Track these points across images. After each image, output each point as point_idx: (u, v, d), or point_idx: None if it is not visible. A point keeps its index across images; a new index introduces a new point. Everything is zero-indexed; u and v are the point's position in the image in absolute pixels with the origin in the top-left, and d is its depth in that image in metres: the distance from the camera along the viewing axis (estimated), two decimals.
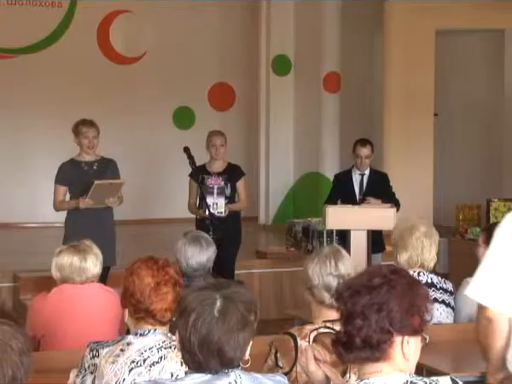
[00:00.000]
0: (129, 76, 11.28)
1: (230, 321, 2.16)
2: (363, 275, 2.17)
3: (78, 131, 6.26)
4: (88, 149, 6.25)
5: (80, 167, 6.28)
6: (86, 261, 4.02)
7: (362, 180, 7.15)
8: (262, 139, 11.11)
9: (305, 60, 10.84)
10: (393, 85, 9.32)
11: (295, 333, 3.03)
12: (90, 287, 4.04)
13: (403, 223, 4.41)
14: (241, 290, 2.24)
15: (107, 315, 3.96)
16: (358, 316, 2.10)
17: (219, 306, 2.17)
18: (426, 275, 4.23)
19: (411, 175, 9.03)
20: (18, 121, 10.88)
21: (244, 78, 11.69)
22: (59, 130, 10.90)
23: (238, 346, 2.17)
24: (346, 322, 2.13)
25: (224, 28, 11.64)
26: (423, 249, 4.24)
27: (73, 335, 3.89)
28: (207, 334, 2.14)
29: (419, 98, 9.28)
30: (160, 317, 2.97)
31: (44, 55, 11.03)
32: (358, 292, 2.12)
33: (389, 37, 9.33)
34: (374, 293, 2.10)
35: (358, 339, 2.10)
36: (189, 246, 4.35)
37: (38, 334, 4.00)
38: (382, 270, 2.18)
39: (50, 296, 4.04)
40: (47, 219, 10.82)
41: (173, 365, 2.89)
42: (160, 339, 2.94)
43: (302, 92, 10.91)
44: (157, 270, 3.01)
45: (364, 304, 2.10)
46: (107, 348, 2.93)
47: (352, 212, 6.25)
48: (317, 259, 3.18)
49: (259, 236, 10.78)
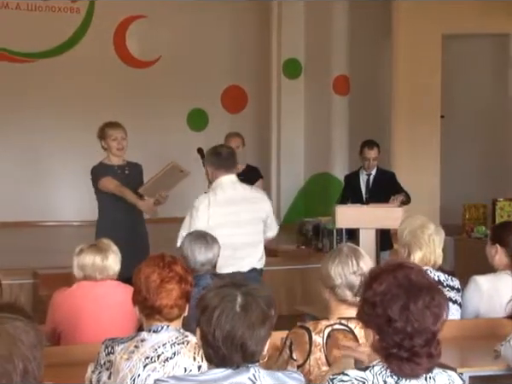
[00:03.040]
0: (144, 79, 11.28)
1: (252, 316, 2.18)
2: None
3: (105, 134, 5.79)
4: (118, 151, 5.79)
5: (114, 171, 5.81)
6: (108, 259, 4.03)
7: (368, 180, 7.17)
8: (273, 141, 11.10)
9: (316, 63, 10.82)
10: (401, 88, 9.29)
11: (310, 327, 3.02)
12: (109, 284, 4.05)
13: (411, 221, 4.37)
14: (259, 287, 2.27)
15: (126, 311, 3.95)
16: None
17: (241, 302, 2.19)
18: (433, 272, 4.20)
19: (418, 175, 9.00)
20: (36, 124, 10.90)
21: (256, 81, 11.68)
22: (77, 133, 10.94)
23: (259, 341, 2.19)
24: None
25: (237, 32, 11.63)
26: (435, 247, 4.21)
27: (92, 330, 3.90)
28: (231, 329, 2.16)
29: (426, 101, 9.26)
30: (166, 313, 2.95)
31: (63, 60, 11.05)
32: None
33: (397, 41, 9.31)
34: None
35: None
36: (196, 242, 4.35)
37: (58, 328, 4.01)
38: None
39: (71, 292, 4.05)
40: (64, 218, 10.88)
41: (186, 361, 2.88)
42: (173, 335, 2.93)
43: (312, 95, 10.90)
44: (162, 268, 3.00)
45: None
46: (121, 345, 2.92)
47: (360, 211, 6.23)
48: (338, 259, 3.14)
49: None
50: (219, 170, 5.12)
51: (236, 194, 5.11)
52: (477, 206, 9.36)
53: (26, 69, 10.89)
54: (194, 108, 11.55)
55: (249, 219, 5.13)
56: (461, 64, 10.29)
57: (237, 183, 5.17)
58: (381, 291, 2.17)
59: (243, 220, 5.09)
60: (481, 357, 3.74)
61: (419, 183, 8.85)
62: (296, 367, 2.95)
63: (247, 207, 5.12)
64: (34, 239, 9.76)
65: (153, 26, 11.25)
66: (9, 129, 10.82)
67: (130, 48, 11.38)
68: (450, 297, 4.21)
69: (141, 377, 2.83)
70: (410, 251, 4.23)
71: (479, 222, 9.15)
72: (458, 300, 4.25)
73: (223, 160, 5.13)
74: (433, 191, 9.29)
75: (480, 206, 9.35)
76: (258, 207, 5.19)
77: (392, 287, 2.17)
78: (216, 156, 5.16)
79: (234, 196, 5.09)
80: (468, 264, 7.11)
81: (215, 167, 5.14)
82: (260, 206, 5.20)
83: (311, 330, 3.00)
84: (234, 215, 5.05)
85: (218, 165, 5.12)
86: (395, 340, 2.15)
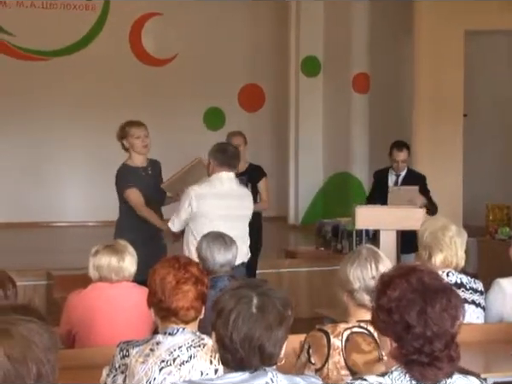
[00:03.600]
0: (160, 78, 11.32)
1: (269, 317, 2.18)
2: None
3: (127, 133, 5.70)
4: (143, 149, 5.71)
5: (138, 173, 5.74)
6: (124, 261, 4.04)
7: (397, 180, 7.14)
8: (291, 140, 11.09)
9: (335, 61, 10.80)
10: (422, 86, 9.24)
11: (328, 330, 3.01)
12: (125, 285, 4.05)
13: (432, 223, 4.35)
14: (274, 287, 2.27)
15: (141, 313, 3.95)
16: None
17: (257, 303, 2.18)
18: (455, 275, 4.17)
19: (441, 175, 8.94)
20: (50, 122, 10.96)
21: (274, 79, 11.67)
22: (91, 132, 10.99)
23: (277, 342, 2.19)
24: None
25: (254, 30, 11.64)
26: (457, 249, 4.19)
27: (107, 333, 3.90)
28: (248, 331, 2.16)
29: (448, 99, 9.20)
30: (182, 315, 2.95)
31: (77, 58, 11.11)
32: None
33: (418, 38, 9.25)
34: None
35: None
36: (214, 243, 4.36)
37: (73, 329, 4.02)
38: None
39: (86, 293, 4.05)
40: (78, 218, 10.93)
41: (203, 364, 2.88)
42: (189, 337, 2.93)
43: (331, 93, 10.88)
44: (178, 269, 2.99)
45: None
46: (136, 348, 2.92)
47: (381, 212, 6.20)
48: (357, 262, 3.12)
49: (289, 236, 10.76)
50: (222, 166, 5.34)
51: (232, 190, 5.37)
52: (501, 206, 9.30)
53: (40, 67, 10.94)
54: (211, 107, 11.56)
55: (241, 215, 5.40)
56: (484, 61, 10.24)
57: (234, 181, 5.42)
58: (395, 297, 2.17)
59: (236, 215, 5.34)
60: (506, 362, 3.71)
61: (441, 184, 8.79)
62: (314, 371, 2.94)
63: (240, 204, 5.40)
64: (47, 240, 9.82)
65: (169, 23, 11.28)
66: (23, 128, 10.88)
67: (146, 46, 11.42)
68: (474, 300, 4.17)
69: (156, 381, 2.83)
70: (431, 253, 4.21)
71: (502, 223, 9.10)
72: (482, 303, 4.22)
73: (227, 158, 5.35)
74: (455, 192, 9.23)
75: (503, 207, 9.29)
76: (249, 205, 5.51)
77: (406, 292, 2.17)
78: (222, 153, 5.37)
79: (230, 191, 5.35)
80: (491, 267, 7.06)
81: (218, 163, 5.34)
82: (249, 205, 5.52)
83: (329, 333, 2.98)
84: (228, 209, 5.30)
85: (222, 161, 5.33)
86: (415, 345, 2.14)
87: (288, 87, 11.08)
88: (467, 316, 4.06)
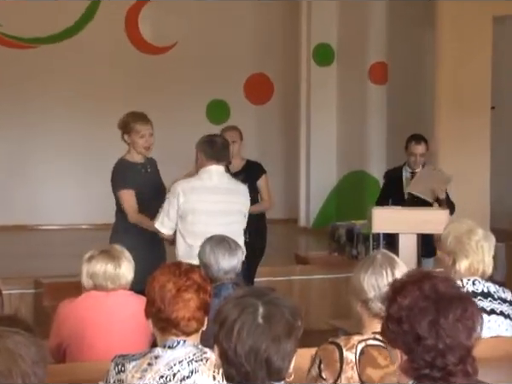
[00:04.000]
0: (159, 67, 11.33)
1: (277, 327, 2.17)
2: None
3: (131, 129, 5.73)
4: (144, 151, 5.79)
5: (137, 170, 5.81)
6: (121, 267, 4.04)
7: (412, 178, 7.13)
8: (302, 135, 11.09)
9: (350, 49, 10.80)
10: (446, 77, 9.23)
11: (341, 343, 3.01)
12: (121, 294, 4.06)
13: (457, 226, 4.34)
14: (282, 295, 2.26)
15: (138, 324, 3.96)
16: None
17: (263, 313, 2.18)
18: (482, 283, 4.17)
19: (466, 173, 8.94)
20: (38, 116, 10.96)
21: (283, 68, 11.68)
22: (84, 126, 11.00)
23: (285, 355, 2.18)
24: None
25: (261, 15, 11.63)
26: (484, 254, 4.18)
27: (102, 346, 3.91)
28: (254, 343, 2.15)
29: (474, 90, 9.19)
30: (183, 326, 2.95)
31: (68, 46, 11.11)
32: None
33: (441, 24, 9.25)
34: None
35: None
36: (218, 248, 4.37)
37: (64, 342, 4.02)
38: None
39: (78, 303, 4.06)
40: (69, 221, 10.93)
41: (205, 380, 2.89)
42: (191, 351, 2.93)
43: (346, 84, 10.87)
44: (178, 276, 3.00)
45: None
46: (133, 362, 2.92)
47: (400, 214, 6.20)
48: (372, 269, 3.13)
49: (299, 240, 10.77)
50: (210, 160, 5.43)
51: (222, 184, 5.45)
52: None
53: (27, 56, 10.95)
54: (214, 99, 11.57)
55: (231, 211, 5.45)
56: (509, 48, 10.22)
57: (224, 175, 5.51)
58: (406, 305, 2.17)
59: (226, 210, 5.40)
60: None
61: (466, 183, 8.79)
62: None
63: (231, 199, 5.46)
64: (35, 244, 9.83)
65: (168, 8, 11.29)
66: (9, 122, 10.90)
67: (144, 32, 11.42)
68: (502, 311, 4.17)
69: None
70: (456, 259, 4.20)
71: None
72: (511, 314, 4.22)
73: (216, 151, 5.44)
74: (482, 191, 9.23)
75: None
76: (242, 200, 5.56)
77: (418, 300, 2.17)
78: (210, 145, 5.46)
79: (219, 186, 5.42)
80: None
81: (206, 156, 5.43)
82: (243, 200, 5.57)
83: (341, 346, 2.99)
84: (217, 204, 5.37)
85: (210, 154, 5.43)
86: (426, 359, 2.14)
87: (298, 77, 11.08)
88: (495, 328, 4.08)
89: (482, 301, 4.03)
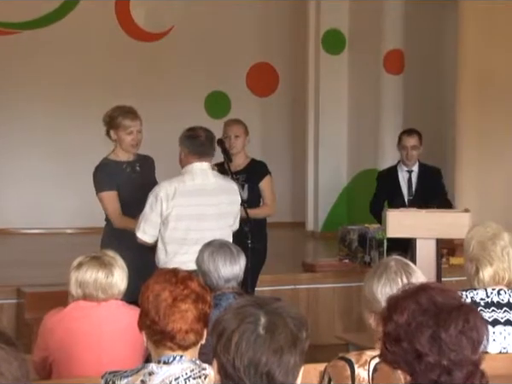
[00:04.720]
0: (153, 55, 11.34)
1: (279, 338, 2.15)
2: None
3: (117, 124, 5.72)
4: (132, 148, 5.80)
5: (122, 169, 5.80)
6: (113, 276, 4.01)
7: (410, 178, 7.19)
8: (310, 130, 11.10)
9: (363, 35, 10.81)
10: (469, 65, 9.23)
11: (352, 359, 3.02)
12: (112, 304, 4.05)
13: (480, 230, 4.35)
14: (286, 305, 2.25)
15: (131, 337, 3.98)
16: None
17: (265, 323, 2.17)
18: (507, 293, 4.18)
19: (491, 172, 8.95)
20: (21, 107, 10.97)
21: (289, 57, 11.69)
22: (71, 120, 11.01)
23: (289, 369, 2.16)
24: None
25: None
26: (510, 262, 4.19)
27: (91, 361, 3.92)
28: (253, 356, 2.14)
29: (501, 80, 9.18)
30: (180, 339, 2.95)
31: (53, 31, 11.13)
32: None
33: (464, 7, 9.25)
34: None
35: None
36: (219, 254, 4.37)
37: (50, 356, 4.02)
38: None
39: (66, 314, 4.05)
40: (53, 225, 10.93)
41: None
42: (188, 367, 2.94)
43: (358, 74, 10.89)
44: (175, 284, 3.00)
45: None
46: (124, 380, 2.94)
47: (417, 217, 6.21)
48: (385, 277, 3.14)
49: (306, 246, 10.78)
50: (192, 155, 5.43)
51: (207, 184, 5.42)
52: None
53: (10, 42, 10.97)
54: (214, 91, 11.59)
55: (220, 214, 5.43)
56: None
57: (209, 172, 5.45)
58: (403, 322, 2.18)
59: (212, 213, 5.40)
60: None
61: (491, 182, 8.80)
62: None
63: (219, 200, 5.43)
64: (16, 250, 9.84)
65: None
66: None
67: (136, 17, 11.44)
68: None
69: None
70: (479, 266, 4.21)
71: None
72: None
73: (198, 145, 5.42)
74: (508, 192, 9.23)
75: None
76: (231, 199, 5.54)
77: (415, 314, 2.17)
78: (191, 139, 5.46)
79: (205, 187, 5.40)
80: None
81: (188, 151, 5.44)
82: (233, 199, 5.56)
83: (353, 362, 3.00)
84: (201, 207, 5.36)
85: (192, 149, 5.42)
86: (431, 377, 2.14)
87: (306, 67, 11.10)
88: None
89: (509, 313, 4.04)
